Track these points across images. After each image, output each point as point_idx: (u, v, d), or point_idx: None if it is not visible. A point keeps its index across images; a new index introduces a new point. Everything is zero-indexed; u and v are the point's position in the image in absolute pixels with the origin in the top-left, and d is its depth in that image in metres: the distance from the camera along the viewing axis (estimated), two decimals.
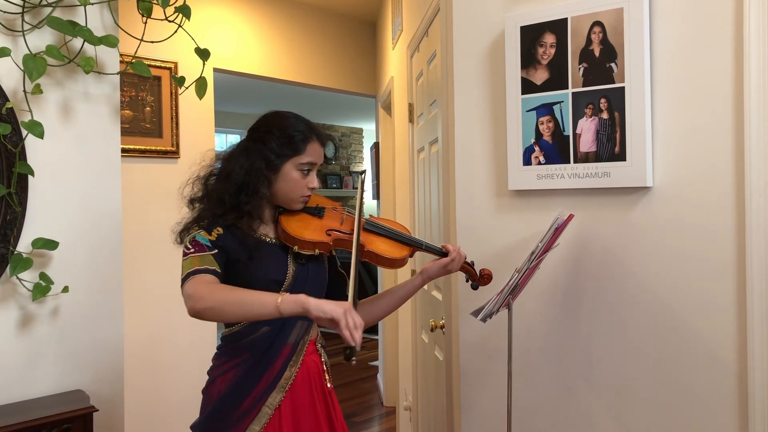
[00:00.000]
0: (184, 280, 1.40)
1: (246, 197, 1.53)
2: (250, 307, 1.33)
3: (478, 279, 1.74)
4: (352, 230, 1.61)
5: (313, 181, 1.61)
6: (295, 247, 1.56)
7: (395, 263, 1.66)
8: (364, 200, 1.74)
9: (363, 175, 1.86)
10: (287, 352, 1.58)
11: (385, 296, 1.76)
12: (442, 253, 1.71)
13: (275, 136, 1.57)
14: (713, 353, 1.56)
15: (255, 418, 1.52)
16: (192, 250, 1.45)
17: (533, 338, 1.90)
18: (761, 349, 1.46)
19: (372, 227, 1.68)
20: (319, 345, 1.69)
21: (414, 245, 1.69)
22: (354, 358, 1.31)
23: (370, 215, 1.77)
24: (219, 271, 1.44)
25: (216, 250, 1.47)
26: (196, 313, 1.33)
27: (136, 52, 2.07)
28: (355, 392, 5.23)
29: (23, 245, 1.86)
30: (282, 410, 1.54)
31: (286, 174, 1.57)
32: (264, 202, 1.59)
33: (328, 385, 1.66)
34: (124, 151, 3.28)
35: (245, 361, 1.55)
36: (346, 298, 1.75)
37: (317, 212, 1.64)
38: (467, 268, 1.73)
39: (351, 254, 1.54)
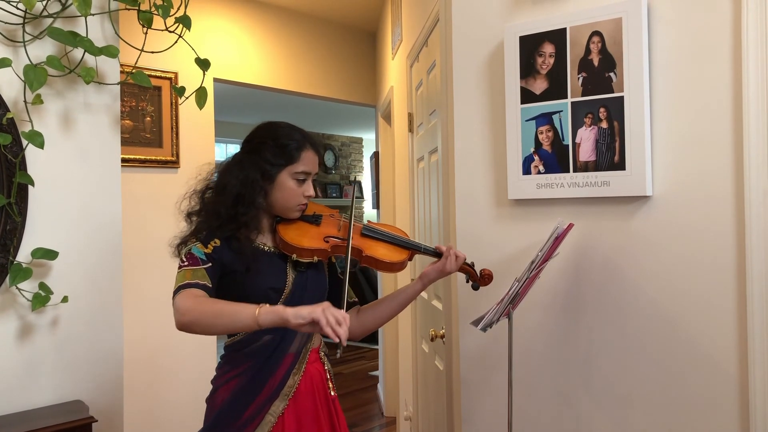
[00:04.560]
0: (175, 293, 1.40)
1: (243, 208, 1.54)
2: (229, 319, 1.31)
3: (479, 279, 1.73)
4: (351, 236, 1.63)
5: (309, 189, 1.62)
6: (294, 256, 1.57)
7: (394, 267, 1.66)
8: (362, 208, 1.77)
9: (354, 186, 1.91)
10: (289, 361, 1.59)
11: (385, 301, 1.76)
12: (439, 255, 1.71)
13: (269, 146, 1.58)
14: (714, 362, 1.56)
15: (258, 426, 1.52)
16: (186, 264, 1.46)
17: (534, 347, 1.90)
18: (762, 357, 1.45)
19: (370, 232, 1.69)
20: (323, 353, 1.70)
21: (412, 249, 1.70)
22: (339, 351, 1.30)
23: (368, 221, 1.78)
24: (210, 285, 1.44)
25: (210, 264, 1.47)
26: (182, 326, 1.33)
27: (136, 63, 2.08)
28: (356, 402, 5.21)
29: (23, 255, 1.86)
30: (285, 418, 1.55)
31: (282, 183, 1.58)
32: (261, 212, 1.60)
33: (332, 393, 1.67)
34: (124, 161, 3.28)
35: (247, 370, 1.56)
36: (346, 306, 1.76)
37: (314, 220, 1.66)
38: (467, 268, 1.73)
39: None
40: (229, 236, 1.53)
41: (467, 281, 1.75)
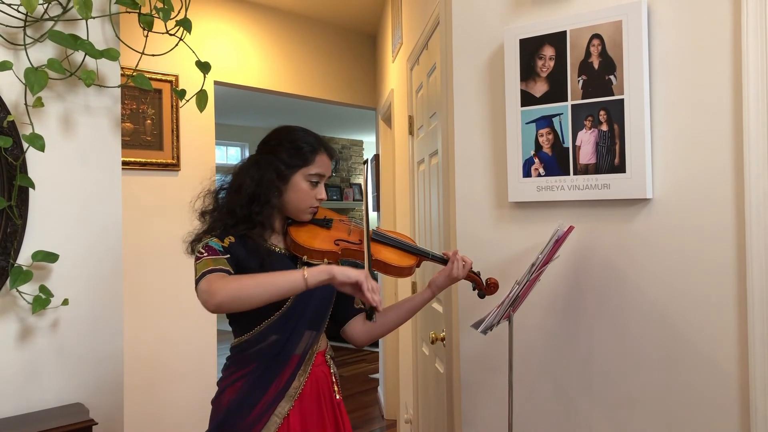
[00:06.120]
0: (198, 280, 1.42)
1: (258, 207, 1.56)
2: (275, 285, 1.36)
3: (485, 288, 1.75)
4: (360, 240, 1.66)
5: (322, 192, 1.65)
6: (305, 257, 1.60)
7: (403, 272, 1.68)
8: (361, 211, 1.78)
9: (367, 165, 1.93)
10: (295, 362, 1.60)
11: (393, 309, 1.77)
12: (446, 262, 1.72)
13: (285, 147, 1.61)
14: (715, 364, 1.56)
15: (264, 427, 1.53)
16: (205, 254, 1.48)
17: (534, 350, 1.90)
18: (763, 359, 1.45)
19: (379, 237, 1.71)
20: (328, 356, 1.71)
21: (420, 255, 1.72)
22: (374, 317, 1.49)
23: (377, 226, 1.79)
24: (232, 272, 1.46)
25: (228, 255, 1.50)
26: (217, 306, 1.35)
27: (137, 65, 2.08)
28: (356, 405, 5.20)
29: (23, 258, 1.86)
30: (290, 420, 1.56)
31: (296, 184, 1.60)
32: (275, 212, 1.62)
33: (337, 396, 1.68)
34: (124, 163, 3.29)
35: (254, 371, 1.57)
36: (353, 312, 1.78)
37: (325, 223, 1.68)
38: (473, 276, 1.74)
39: (360, 266, 1.57)
40: (243, 235, 1.55)
41: (473, 289, 1.77)
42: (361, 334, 1.77)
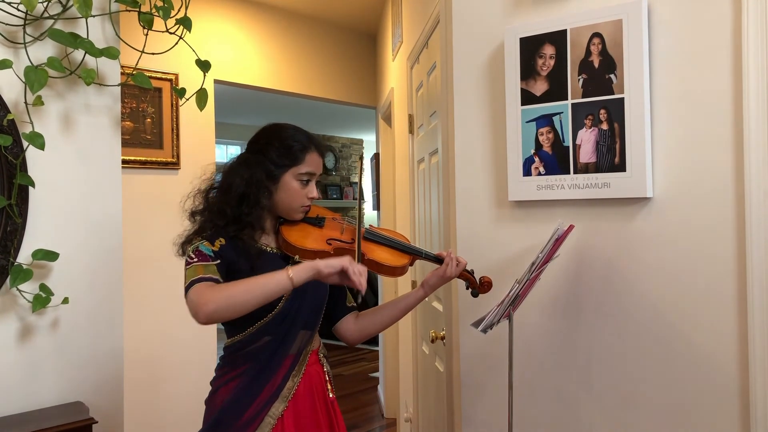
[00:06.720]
0: (187, 288, 1.40)
1: (247, 208, 1.54)
2: (262, 290, 1.35)
3: (478, 287, 1.74)
4: (353, 239, 1.64)
5: (313, 191, 1.63)
6: (296, 257, 1.58)
7: (395, 271, 1.67)
8: (362, 209, 1.78)
9: (361, 161, 1.96)
10: (289, 363, 1.59)
11: (387, 307, 1.77)
12: (440, 261, 1.71)
13: (274, 147, 1.59)
14: (715, 363, 1.56)
15: (258, 427, 1.52)
16: (195, 260, 1.46)
17: (534, 349, 1.90)
18: (763, 358, 1.45)
19: (372, 236, 1.70)
20: (322, 355, 1.70)
21: (413, 254, 1.71)
22: (360, 296, 1.47)
23: (370, 225, 1.78)
24: (221, 280, 1.45)
25: (218, 261, 1.48)
26: (208, 316, 1.34)
27: (137, 64, 2.08)
28: (356, 404, 5.21)
29: (23, 256, 1.86)
30: (285, 420, 1.55)
31: (286, 184, 1.59)
32: (265, 212, 1.60)
33: (330, 395, 1.67)
34: (124, 162, 3.28)
35: (247, 371, 1.56)
36: (346, 310, 1.78)
37: (317, 222, 1.67)
38: (467, 275, 1.73)
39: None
40: (234, 236, 1.54)
41: (467, 288, 1.76)
42: (354, 332, 1.77)
